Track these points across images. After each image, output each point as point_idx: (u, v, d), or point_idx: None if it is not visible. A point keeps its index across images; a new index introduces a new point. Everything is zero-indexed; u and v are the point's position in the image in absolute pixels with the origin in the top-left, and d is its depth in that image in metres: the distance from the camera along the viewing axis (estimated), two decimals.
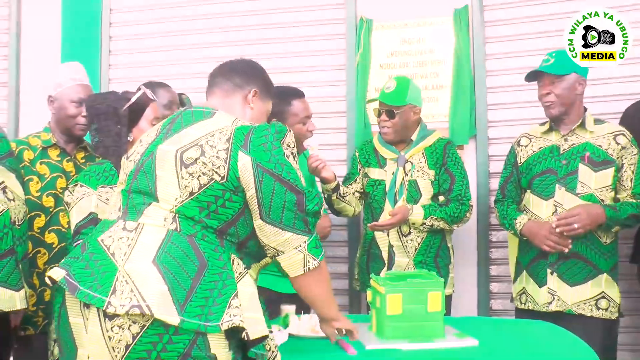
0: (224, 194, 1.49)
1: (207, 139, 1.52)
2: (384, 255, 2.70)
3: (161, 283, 1.39)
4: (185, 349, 1.36)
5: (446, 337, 1.83)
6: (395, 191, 2.71)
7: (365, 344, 1.76)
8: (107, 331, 1.37)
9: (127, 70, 3.68)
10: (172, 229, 1.47)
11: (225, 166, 1.49)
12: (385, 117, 2.70)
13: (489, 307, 3.20)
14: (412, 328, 1.80)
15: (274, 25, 3.50)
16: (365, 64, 3.33)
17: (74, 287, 1.40)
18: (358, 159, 2.85)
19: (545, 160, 2.57)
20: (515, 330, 2.09)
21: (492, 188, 3.19)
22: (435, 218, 2.65)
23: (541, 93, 2.58)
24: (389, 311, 1.80)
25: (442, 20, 3.29)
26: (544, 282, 2.49)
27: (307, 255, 1.51)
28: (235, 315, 1.39)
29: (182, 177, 1.49)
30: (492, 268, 3.23)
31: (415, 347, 1.74)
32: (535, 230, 2.49)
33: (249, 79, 1.74)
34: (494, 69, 3.26)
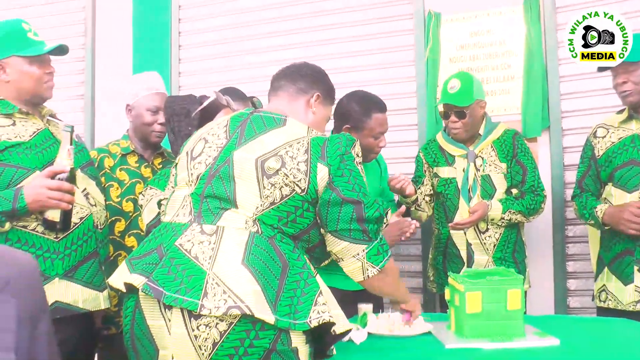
0: (303, 204, 1.53)
1: (286, 149, 1.55)
2: (463, 254, 2.66)
3: (254, 283, 1.42)
4: (271, 344, 1.40)
5: (526, 336, 1.79)
6: (468, 188, 2.66)
7: (445, 343, 1.74)
8: (193, 330, 1.40)
9: (196, 77, 3.77)
10: (254, 231, 1.51)
11: (306, 179, 1.53)
12: (455, 118, 2.65)
13: (567, 304, 3.10)
14: (492, 327, 1.77)
15: (340, 24, 3.50)
16: (434, 58, 3.29)
17: (159, 292, 1.42)
18: (424, 160, 2.82)
19: (626, 151, 2.45)
20: (596, 329, 2.01)
21: (567, 181, 3.08)
22: (513, 212, 2.61)
23: (616, 82, 2.47)
24: (468, 309, 1.77)
25: (512, 9, 3.20)
26: (630, 279, 2.38)
27: (365, 263, 1.56)
28: (324, 312, 1.44)
29: (264, 186, 1.52)
30: (568, 264, 3.12)
31: (495, 347, 1.70)
32: (617, 214, 2.39)
33: (313, 84, 1.76)
34: (566, 56, 3.11)
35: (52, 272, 1.91)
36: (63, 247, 1.93)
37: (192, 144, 1.70)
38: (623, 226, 2.37)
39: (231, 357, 1.40)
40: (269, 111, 1.70)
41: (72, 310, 1.94)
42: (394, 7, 3.42)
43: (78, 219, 1.97)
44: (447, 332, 1.87)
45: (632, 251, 2.39)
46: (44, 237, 1.90)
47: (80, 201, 2.00)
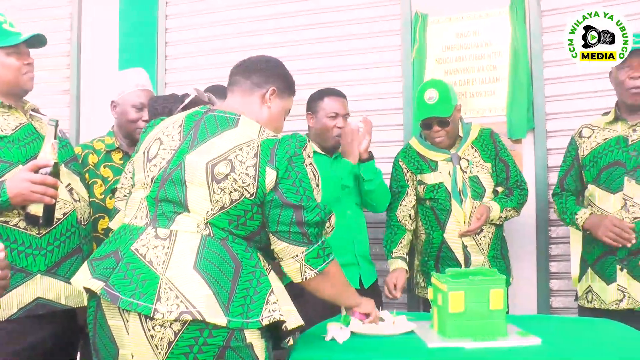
0: (253, 207, 1.57)
1: (235, 153, 1.56)
2: (459, 257, 2.67)
3: (205, 288, 1.47)
4: (225, 341, 1.46)
5: (509, 335, 1.79)
6: (459, 190, 2.68)
7: (427, 342, 1.75)
8: (149, 331, 1.46)
9: (183, 74, 3.76)
10: (206, 235, 1.54)
11: (254, 184, 1.55)
12: (439, 127, 2.65)
13: (550, 304, 3.13)
14: (475, 326, 1.77)
15: (328, 24, 3.51)
16: (421, 59, 3.31)
17: (115, 297, 1.47)
18: (406, 169, 2.81)
19: (611, 152, 2.47)
20: (578, 329, 2.03)
21: (550, 182, 3.12)
22: (509, 209, 2.68)
23: (632, 75, 2.39)
24: (451, 309, 1.77)
25: (499, 12, 3.23)
26: (613, 278, 2.41)
27: (303, 265, 1.60)
28: (275, 311, 1.51)
29: (214, 191, 1.54)
30: (552, 265, 3.15)
31: (478, 346, 1.71)
32: (597, 223, 2.42)
33: (268, 78, 1.74)
34: (551, 59, 3.17)
35: (34, 269, 1.89)
36: (46, 243, 1.92)
37: (148, 144, 1.71)
38: (601, 233, 2.39)
39: (186, 356, 1.45)
40: (223, 110, 1.69)
41: (54, 306, 1.93)
42: (382, 8, 3.44)
43: (61, 214, 1.95)
44: (430, 332, 1.87)
45: (614, 251, 2.41)
46: (26, 233, 1.88)
47: (63, 196, 1.98)
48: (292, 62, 2.97)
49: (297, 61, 3.41)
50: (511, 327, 1.87)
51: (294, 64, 3.08)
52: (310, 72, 3.44)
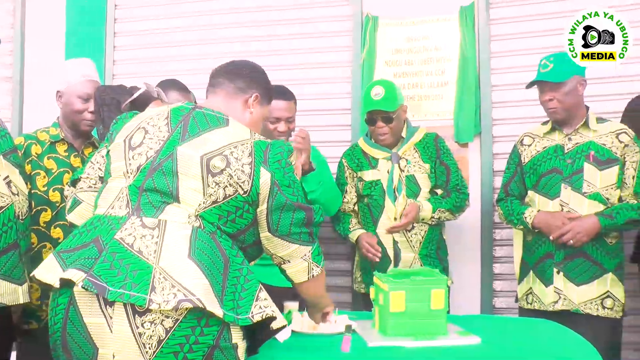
0: (244, 205, 1.56)
1: (230, 150, 1.56)
2: (390, 253, 2.71)
3: (202, 277, 1.42)
4: (214, 340, 1.41)
5: (449, 334, 1.83)
6: (394, 188, 2.72)
7: (368, 342, 1.77)
8: (137, 327, 1.38)
9: (132, 66, 3.69)
10: (197, 226, 1.51)
11: (249, 182, 1.56)
12: (382, 123, 2.70)
13: (493, 305, 3.21)
14: (415, 325, 1.81)
15: (279, 22, 3.51)
16: (370, 61, 3.33)
17: (102, 287, 1.38)
18: (346, 166, 2.86)
19: (550, 160, 2.57)
20: (518, 329, 2.09)
21: (496, 186, 3.19)
22: (442, 210, 2.71)
23: (543, 99, 2.58)
24: (392, 308, 1.80)
25: (448, 18, 3.28)
26: (551, 281, 2.50)
27: (311, 263, 1.64)
28: (267, 307, 1.48)
29: (209, 184, 1.53)
30: (495, 266, 3.23)
31: (418, 345, 1.74)
32: (547, 220, 2.50)
33: (252, 84, 1.76)
34: (499, 66, 3.25)
35: None
36: None
37: (129, 132, 1.65)
38: (551, 231, 2.47)
39: (176, 355, 1.39)
40: (210, 108, 1.68)
41: None
42: (332, 8, 3.45)
43: None
44: (371, 331, 1.89)
45: (552, 255, 2.50)
46: None
47: (1, 189, 1.91)
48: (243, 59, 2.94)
49: (248, 58, 3.36)
50: (452, 326, 1.91)
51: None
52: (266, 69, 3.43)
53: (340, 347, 1.71)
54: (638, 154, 2.49)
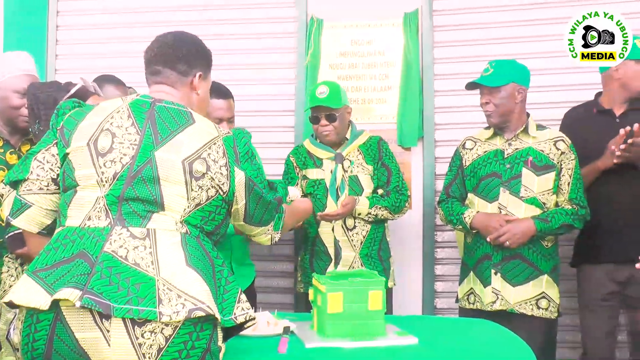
0: (222, 204, 1.59)
1: (207, 152, 1.55)
2: (330, 251, 2.74)
3: (203, 283, 1.43)
4: (207, 344, 1.42)
5: (387, 335, 1.84)
6: (336, 187, 2.75)
7: (306, 343, 1.76)
8: (137, 338, 1.36)
9: (74, 61, 3.58)
10: (184, 232, 1.50)
11: (227, 183, 1.58)
12: (326, 121, 2.74)
13: (434, 305, 3.26)
14: (353, 326, 1.81)
15: (225, 21, 3.48)
16: (315, 63, 3.35)
17: (106, 305, 1.35)
18: (295, 164, 2.88)
19: (490, 164, 2.63)
20: (456, 329, 2.11)
21: (438, 189, 3.25)
22: (380, 207, 2.74)
23: (481, 102, 2.66)
24: (330, 309, 1.80)
25: (393, 23, 3.33)
26: (489, 282, 2.56)
27: (273, 233, 1.74)
28: (249, 309, 1.50)
29: (192, 189, 1.52)
30: (437, 267, 3.29)
31: (355, 346, 1.75)
32: (484, 222, 2.56)
33: (193, 62, 1.67)
34: (442, 72, 3.32)
35: None
36: None
37: (91, 135, 1.54)
38: (488, 233, 2.53)
39: None
40: (169, 100, 1.62)
41: None
42: (278, 9, 3.45)
43: None
44: (309, 332, 1.89)
45: (490, 256, 2.56)
46: None
47: None
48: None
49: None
50: (390, 327, 1.92)
51: None
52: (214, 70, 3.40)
53: (278, 349, 1.71)
54: (574, 161, 2.58)
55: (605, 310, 2.69)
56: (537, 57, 3.16)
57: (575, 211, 2.56)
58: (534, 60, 3.05)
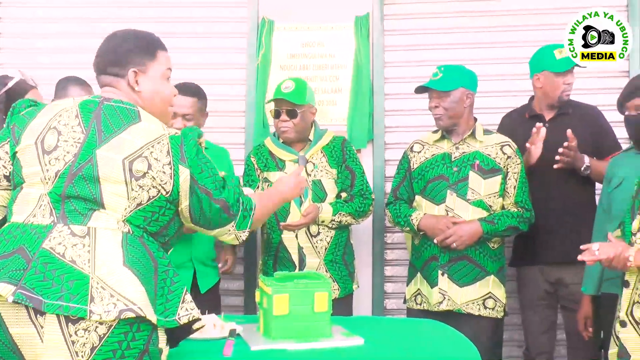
0: (166, 204, 1.56)
1: (150, 150, 1.52)
2: (294, 258, 2.71)
3: (138, 284, 1.42)
4: (145, 345, 1.41)
5: (333, 336, 1.85)
6: None
7: (251, 345, 1.76)
8: (71, 336, 1.35)
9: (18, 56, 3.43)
10: (126, 232, 1.48)
11: (170, 182, 1.54)
12: (286, 116, 2.69)
13: (384, 306, 3.29)
14: (299, 328, 1.81)
15: (174, 19, 3.41)
16: (265, 64, 3.34)
17: (37, 300, 1.34)
18: (255, 165, 2.83)
19: (437, 167, 2.67)
20: (403, 329, 2.14)
21: (387, 191, 3.27)
22: (343, 214, 2.72)
23: (430, 105, 2.70)
24: (275, 312, 1.80)
25: (344, 26, 3.35)
26: (436, 282, 2.59)
27: (237, 233, 1.68)
28: (193, 309, 1.49)
29: (133, 188, 1.50)
30: (386, 269, 3.32)
31: (300, 347, 1.75)
32: (432, 223, 2.59)
33: (122, 61, 1.62)
34: (392, 76, 3.36)
35: None
36: None
37: (39, 133, 1.54)
38: (435, 234, 2.58)
39: None
40: (119, 99, 1.60)
41: None
42: (229, 9, 3.42)
43: None
44: (255, 334, 1.88)
45: (437, 257, 2.60)
46: None
47: None
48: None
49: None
50: (337, 328, 1.93)
51: None
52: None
53: (223, 352, 1.70)
54: (519, 165, 2.65)
55: (543, 308, 2.79)
56: (484, 63, 3.23)
57: (521, 214, 2.62)
58: (482, 66, 3.12)
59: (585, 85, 2.97)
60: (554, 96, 2.78)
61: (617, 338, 1.96)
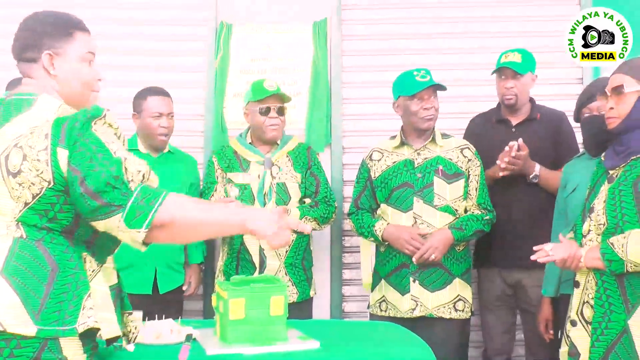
0: (59, 198, 1.40)
1: (27, 139, 1.39)
2: (255, 260, 2.71)
3: (12, 295, 1.34)
4: (35, 353, 1.33)
5: (289, 340, 1.86)
6: (264, 193, 2.73)
7: (207, 350, 1.75)
8: None
9: None
10: (18, 237, 1.39)
11: (48, 170, 1.38)
12: (276, 114, 2.75)
13: (342, 309, 3.31)
14: (255, 332, 1.81)
15: (134, 21, 3.38)
16: (224, 68, 3.33)
17: None
18: (217, 165, 2.82)
19: (400, 174, 2.67)
20: (358, 332, 2.15)
21: (345, 195, 3.31)
22: (310, 219, 2.74)
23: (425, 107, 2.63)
24: (231, 316, 1.80)
25: (302, 30, 3.37)
26: (407, 289, 2.59)
27: (131, 232, 1.38)
28: (90, 317, 1.38)
29: (13, 187, 1.39)
30: (345, 272, 3.34)
31: (256, 352, 1.75)
32: (396, 234, 2.60)
33: (34, 45, 1.51)
34: (350, 81, 3.39)
35: None
36: None
37: None
38: (400, 245, 2.59)
39: None
40: (22, 92, 1.51)
41: None
42: (188, 11, 3.40)
43: None
44: (211, 339, 1.87)
45: (407, 264, 2.60)
46: None
47: None
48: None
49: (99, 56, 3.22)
50: (293, 332, 1.93)
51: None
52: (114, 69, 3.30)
53: (178, 357, 1.69)
54: (479, 167, 2.69)
55: (501, 310, 2.85)
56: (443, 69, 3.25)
57: (485, 216, 2.67)
58: (440, 72, 3.10)
59: (540, 92, 3.04)
60: (501, 100, 2.87)
61: (568, 337, 2.02)
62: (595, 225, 1.96)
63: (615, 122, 1.97)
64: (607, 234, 1.91)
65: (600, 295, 1.91)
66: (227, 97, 3.32)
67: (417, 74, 2.63)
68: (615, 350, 1.85)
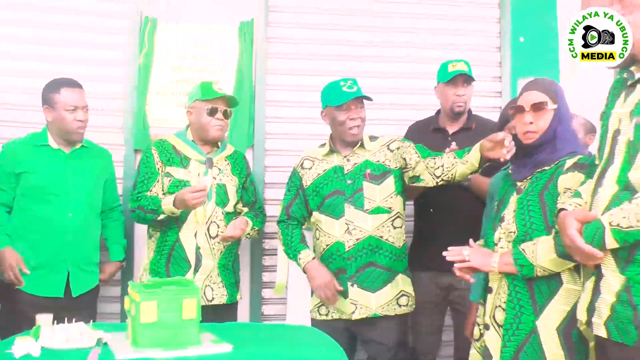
0: None
1: None
2: (191, 258, 2.67)
3: None
4: None
5: (201, 343, 1.84)
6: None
7: (117, 354, 1.71)
8: None
9: None
10: None
11: None
12: (222, 116, 2.73)
13: (262, 312, 3.31)
14: (167, 336, 1.78)
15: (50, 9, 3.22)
16: (147, 64, 3.26)
17: None
18: (157, 158, 2.74)
19: (331, 182, 2.67)
20: (272, 335, 2.16)
21: (267, 198, 3.31)
22: (257, 229, 2.86)
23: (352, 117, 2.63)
24: (143, 319, 1.76)
25: (229, 30, 3.35)
26: (347, 294, 2.60)
27: None
28: None
29: None
30: (264, 275, 3.34)
31: (168, 356, 1.73)
32: (315, 274, 2.61)
33: None
34: (274, 83, 3.39)
35: None
36: None
37: None
38: (316, 287, 2.60)
39: None
40: None
41: None
42: (109, 3, 3.28)
43: None
44: (123, 343, 1.83)
45: (345, 270, 2.60)
46: None
47: None
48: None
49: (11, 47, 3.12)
50: (207, 335, 1.92)
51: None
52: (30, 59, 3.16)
53: None
54: (408, 142, 2.69)
55: (432, 311, 2.93)
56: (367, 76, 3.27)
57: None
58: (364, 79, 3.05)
59: None
60: (446, 107, 2.93)
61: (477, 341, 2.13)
62: (506, 233, 2.07)
63: (533, 137, 2.07)
64: (517, 241, 2.02)
65: (512, 299, 2.00)
66: (150, 94, 3.25)
67: (343, 84, 2.64)
68: (524, 350, 1.95)
